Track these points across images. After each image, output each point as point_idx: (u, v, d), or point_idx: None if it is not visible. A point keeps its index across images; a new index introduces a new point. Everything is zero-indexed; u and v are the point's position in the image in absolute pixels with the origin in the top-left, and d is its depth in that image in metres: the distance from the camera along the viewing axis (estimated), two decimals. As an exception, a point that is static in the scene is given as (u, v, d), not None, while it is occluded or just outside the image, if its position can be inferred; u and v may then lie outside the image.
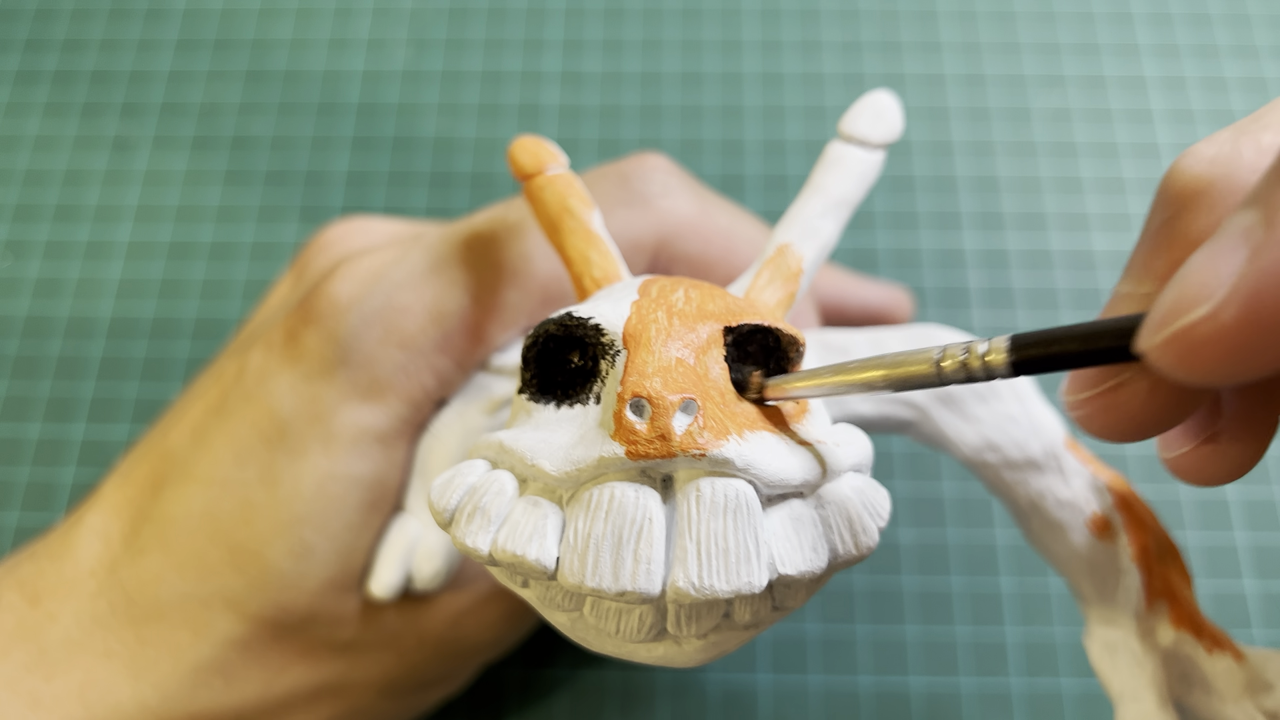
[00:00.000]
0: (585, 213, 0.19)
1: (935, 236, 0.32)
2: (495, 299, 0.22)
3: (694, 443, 0.14)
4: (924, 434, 0.21)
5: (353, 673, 0.22)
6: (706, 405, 0.14)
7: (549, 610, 0.16)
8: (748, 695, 0.27)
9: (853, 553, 0.15)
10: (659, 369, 0.14)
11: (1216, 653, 0.18)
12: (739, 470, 0.14)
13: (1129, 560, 0.19)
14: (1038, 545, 0.20)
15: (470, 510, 0.15)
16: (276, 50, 0.36)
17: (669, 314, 0.15)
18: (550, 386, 0.16)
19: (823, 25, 0.35)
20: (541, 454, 0.15)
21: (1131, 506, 0.19)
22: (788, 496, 0.15)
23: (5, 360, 0.31)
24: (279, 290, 0.25)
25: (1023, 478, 0.20)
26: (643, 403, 0.14)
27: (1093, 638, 0.19)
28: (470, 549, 0.15)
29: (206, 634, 0.20)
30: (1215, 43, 0.35)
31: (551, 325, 0.16)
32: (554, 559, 0.14)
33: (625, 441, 0.14)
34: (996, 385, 0.20)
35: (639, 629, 0.15)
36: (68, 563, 0.21)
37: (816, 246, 0.18)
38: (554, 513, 0.15)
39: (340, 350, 0.21)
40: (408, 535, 0.21)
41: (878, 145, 0.19)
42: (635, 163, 0.23)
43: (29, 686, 0.19)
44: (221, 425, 0.21)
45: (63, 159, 0.34)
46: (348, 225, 0.25)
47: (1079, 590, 0.20)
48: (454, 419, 0.22)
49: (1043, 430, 0.20)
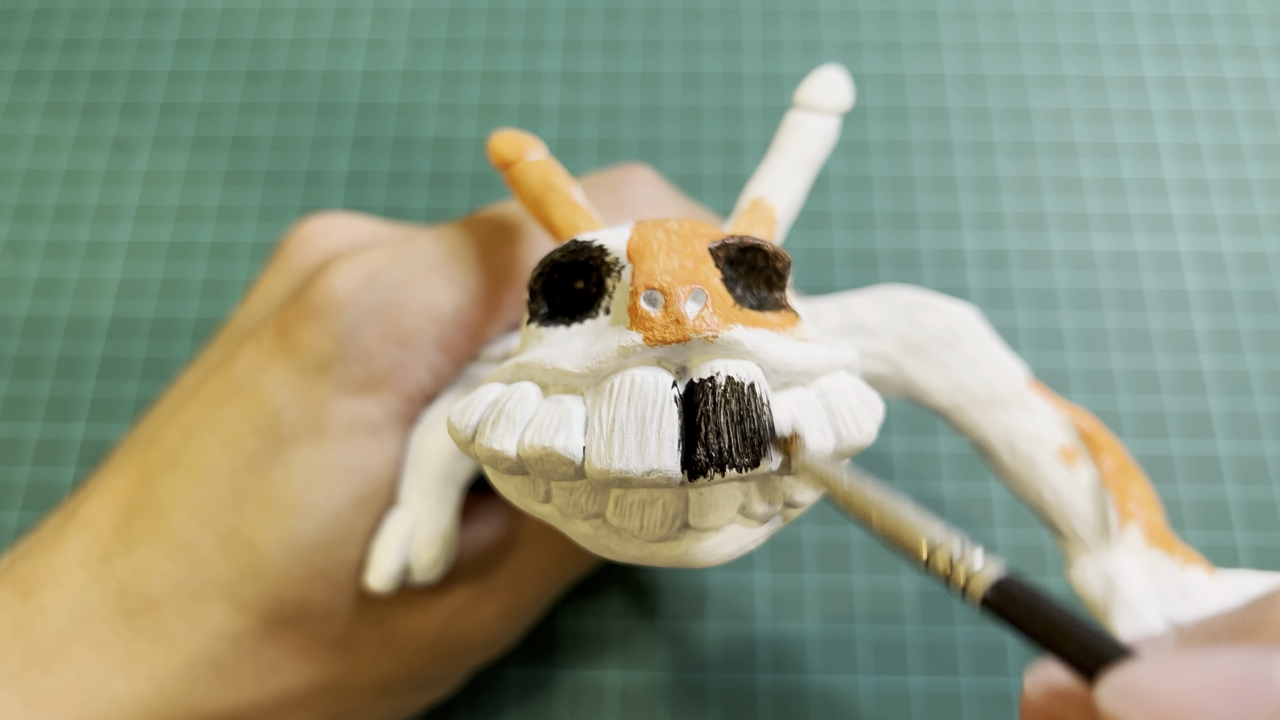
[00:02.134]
0: (568, 187, 0.20)
1: (935, 236, 0.32)
2: (492, 299, 0.22)
3: (707, 324, 0.15)
4: (896, 386, 0.22)
5: (348, 672, 0.22)
6: (712, 300, 0.15)
7: (570, 522, 0.17)
8: (748, 695, 0.27)
9: (855, 437, 0.16)
10: (665, 269, 0.15)
11: (1189, 567, 0.19)
12: (748, 352, 0.15)
13: (1099, 485, 0.20)
14: (1015, 486, 0.21)
15: (494, 418, 0.16)
16: (276, 50, 0.36)
17: (667, 233, 0.16)
18: (559, 310, 0.17)
19: (823, 25, 0.35)
20: (560, 358, 0.16)
21: (1094, 436, 0.21)
22: (790, 386, 0.16)
23: (5, 360, 0.31)
24: (261, 285, 0.25)
25: (991, 416, 0.21)
26: (655, 293, 0.15)
27: (1075, 567, 0.20)
28: (497, 452, 0.15)
29: (200, 625, 0.20)
30: (1215, 43, 0.35)
31: (557, 254, 0.17)
32: (581, 448, 0.15)
33: (642, 329, 0.15)
34: (959, 332, 0.22)
35: (661, 522, 0.16)
36: (58, 555, 0.21)
37: (787, 199, 0.20)
38: (577, 405, 0.15)
39: (337, 346, 0.21)
40: (404, 525, 0.21)
41: (831, 112, 0.21)
42: (623, 174, 0.24)
43: (26, 684, 0.19)
44: (212, 416, 0.21)
45: (63, 159, 0.34)
46: (326, 221, 0.25)
47: (1056, 527, 0.21)
48: (447, 410, 0.22)
49: (1005, 370, 0.21)
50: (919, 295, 0.22)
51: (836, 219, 0.32)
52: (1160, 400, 0.30)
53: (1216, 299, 0.31)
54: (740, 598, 0.28)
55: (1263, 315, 0.31)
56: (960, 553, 0.13)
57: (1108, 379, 0.30)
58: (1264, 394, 0.30)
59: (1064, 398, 0.30)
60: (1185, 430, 0.29)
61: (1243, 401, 0.30)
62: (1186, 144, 0.33)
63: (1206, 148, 0.33)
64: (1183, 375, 0.30)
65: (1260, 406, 0.29)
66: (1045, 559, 0.28)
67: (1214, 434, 0.29)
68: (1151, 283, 0.31)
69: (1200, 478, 0.29)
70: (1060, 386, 0.30)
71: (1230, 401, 0.30)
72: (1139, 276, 0.31)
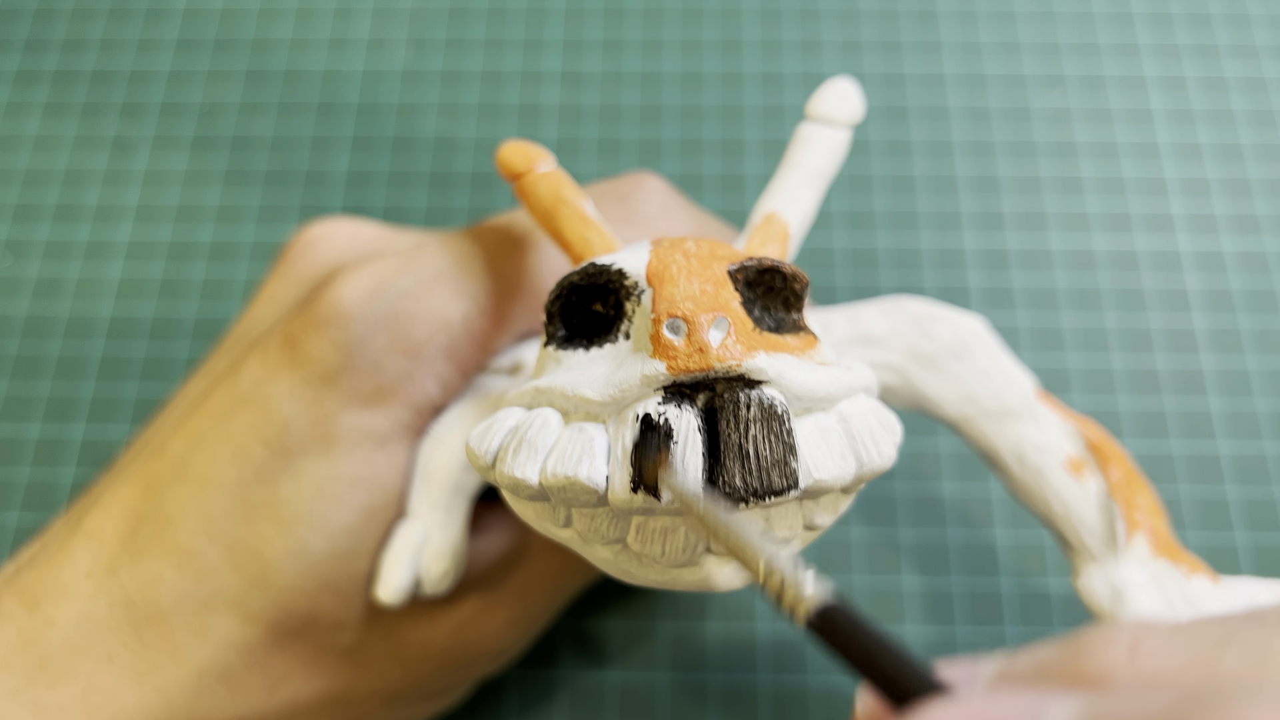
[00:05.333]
0: (579, 201, 0.19)
1: (935, 236, 0.32)
2: (501, 309, 0.22)
3: (730, 354, 0.15)
4: (905, 398, 0.22)
5: (357, 682, 0.22)
6: (734, 327, 0.15)
7: (591, 546, 0.17)
8: (748, 695, 0.27)
9: (876, 462, 0.16)
10: (686, 295, 0.15)
11: (1194, 576, 0.19)
12: (771, 380, 0.15)
13: (1106, 496, 0.20)
14: (1023, 496, 0.21)
15: (515, 445, 0.16)
16: (276, 50, 0.36)
17: (685, 256, 0.16)
18: (577, 333, 0.17)
19: (823, 25, 0.35)
20: (582, 384, 0.16)
21: (1101, 446, 0.21)
22: (811, 411, 0.16)
23: (5, 360, 0.31)
24: (265, 291, 0.25)
25: (1000, 427, 0.21)
26: (679, 322, 0.15)
27: (1082, 577, 0.20)
28: (519, 480, 0.15)
29: (208, 636, 0.20)
30: (1215, 43, 0.35)
31: (575, 276, 0.17)
32: (604, 477, 0.15)
33: (665, 358, 0.15)
34: (968, 343, 0.22)
35: (684, 549, 0.16)
36: (64, 565, 0.21)
37: (800, 214, 0.20)
38: (600, 434, 0.15)
39: (345, 357, 0.21)
40: (414, 538, 0.21)
41: (843, 124, 0.21)
42: (632, 183, 0.23)
43: (33, 696, 0.19)
44: (219, 427, 0.21)
45: (63, 159, 0.34)
46: (330, 225, 0.25)
47: (1064, 537, 0.21)
48: (455, 422, 0.22)
49: (1014, 382, 0.21)
50: (928, 306, 0.22)
51: (836, 219, 0.32)
52: (1160, 400, 0.30)
53: (1216, 299, 0.31)
54: (740, 598, 0.28)
55: (1263, 315, 0.31)
56: (792, 576, 0.13)
57: (1108, 379, 0.30)
58: (1264, 394, 0.30)
59: (1065, 399, 0.30)
60: (1185, 430, 0.29)
61: (1243, 401, 0.30)
62: (1186, 144, 0.33)
63: (1206, 148, 0.33)
64: (1183, 375, 0.30)
65: (1260, 406, 0.29)
66: (1045, 559, 0.28)
67: (1214, 434, 0.29)
68: (1151, 283, 0.31)
69: (1200, 478, 0.29)
70: (1060, 386, 0.30)
71: (1230, 401, 0.30)
72: (1139, 276, 0.31)
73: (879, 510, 0.29)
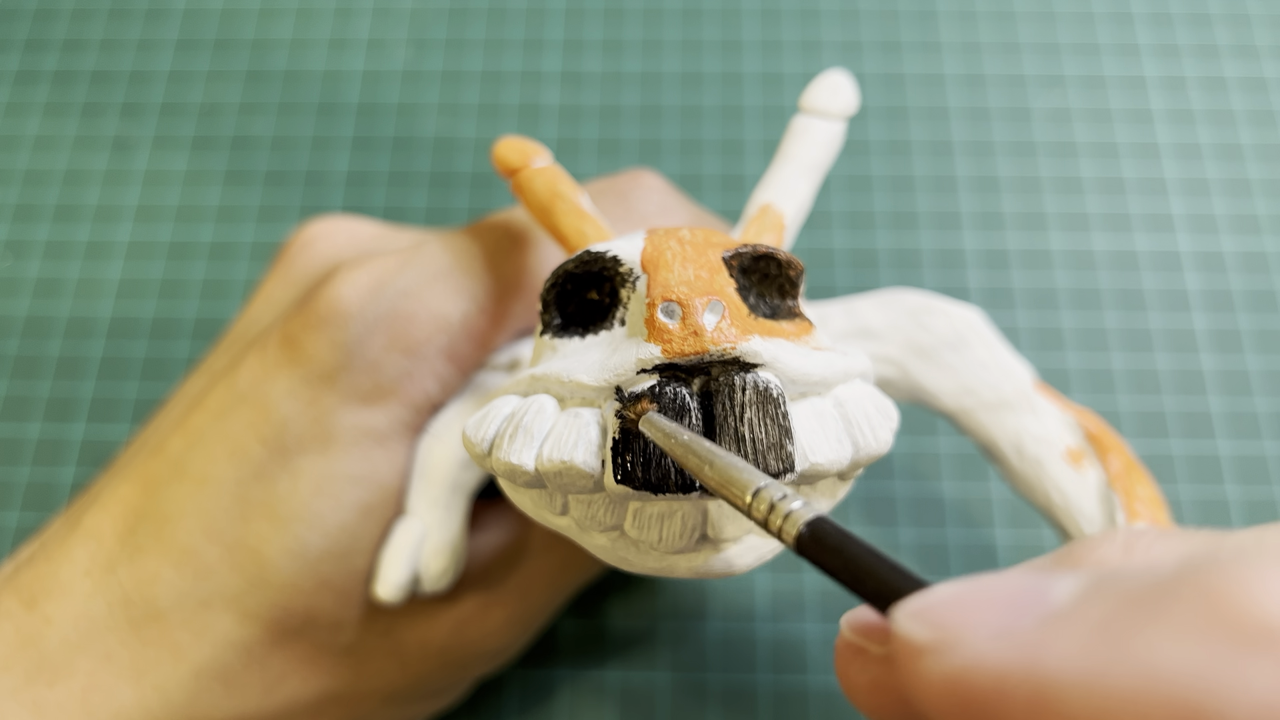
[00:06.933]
0: (575, 195, 0.19)
1: (935, 236, 0.32)
2: (499, 308, 0.22)
3: (725, 337, 0.15)
4: (903, 390, 0.22)
5: (355, 681, 0.22)
6: (729, 311, 0.15)
7: (588, 534, 0.17)
8: (748, 695, 0.27)
9: (873, 446, 0.16)
10: (681, 280, 0.15)
11: None
12: (766, 363, 0.15)
13: (1106, 486, 0.20)
14: (1022, 488, 0.21)
15: (511, 432, 0.16)
16: (276, 50, 0.36)
17: (680, 243, 0.16)
18: (573, 321, 0.17)
19: (823, 25, 0.35)
20: (577, 370, 0.16)
21: (1100, 437, 0.21)
22: (807, 395, 0.16)
23: (5, 360, 0.31)
24: (264, 290, 0.25)
25: (998, 418, 0.21)
26: (673, 305, 0.15)
27: None
28: (515, 466, 0.15)
29: (206, 635, 0.20)
30: (1215, 43, 0.35)
31: (570, 265, 0.17)
32: (600, 461, 0.15)
33: (660, 341, 0.15)
34: (965, 335, 0.22)
35: (680, 534, 0.16)
36: (62, 564, 0.21)
37: (795, 205, 0.20)
38: (595, 419, 0.15)
39: (343, 355, 0.21)
40: (413, 535, 0.21)
41: (837, 116, 0.21)
42: (631, 181, 0.23)
43: (32, 694, 0.19)
44: (217, 426, 0.21)
45: (63, 159, 0.34)
46: (328, 224, 0.25)
47: (1064, 528, 0.21)
48: (454, 419, 0.22)
49: (1012, 373, 0.21)
50: (925, 298, 0.22)
51: (836, 219, 0.32)
52: (1160, 400, 0.30)
53: (1216, 299, 0.31)
54: (740, 598, 0.28)
55: (1263, 315, 0.31)
56: (780, 498, 0.13)
57: (1108, 379, 0.30)
58: (1264, 394, 0.30)
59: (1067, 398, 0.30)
60: (1185, 430, 0.29)
61: (1243, 401, 0.30)
62: (1186, 144, 0.33)
63: (1206, 148, 0.33)
64: (1183, 375, 0.30)
65: (1260, 406, 0.29)
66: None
67: (1214, 434, 0.29)
68: (1151, 283, 0.31)
69: (1200, 478, 0.29)
70: (1060, 386, 0.30)
71: (1230, 401, 0.30)
72: (1139, 276, 0.31)
73: (879, 510, 0.29)
